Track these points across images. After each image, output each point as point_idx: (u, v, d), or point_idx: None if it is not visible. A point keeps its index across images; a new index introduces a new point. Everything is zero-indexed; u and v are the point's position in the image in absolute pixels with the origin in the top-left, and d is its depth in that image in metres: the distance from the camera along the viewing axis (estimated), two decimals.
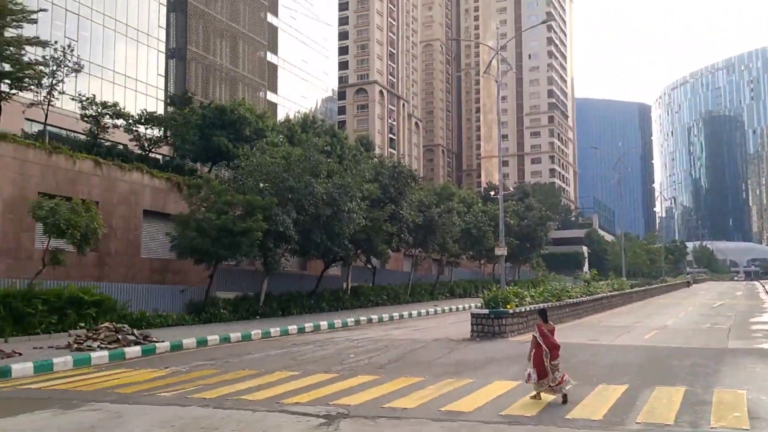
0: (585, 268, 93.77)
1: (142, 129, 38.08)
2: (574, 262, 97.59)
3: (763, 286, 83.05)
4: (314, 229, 30.83)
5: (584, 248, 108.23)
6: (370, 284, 41.89)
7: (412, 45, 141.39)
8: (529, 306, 23.10)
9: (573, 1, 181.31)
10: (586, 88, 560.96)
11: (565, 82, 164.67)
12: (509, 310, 21.44)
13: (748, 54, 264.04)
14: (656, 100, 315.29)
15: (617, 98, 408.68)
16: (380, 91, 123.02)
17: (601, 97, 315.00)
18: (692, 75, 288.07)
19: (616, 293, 40.08)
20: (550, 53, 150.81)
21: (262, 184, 30.33)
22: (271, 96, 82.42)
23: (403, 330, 25.36)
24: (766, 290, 70.58)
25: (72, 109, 37.45)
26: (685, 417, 9.46)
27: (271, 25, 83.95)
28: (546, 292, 27.62)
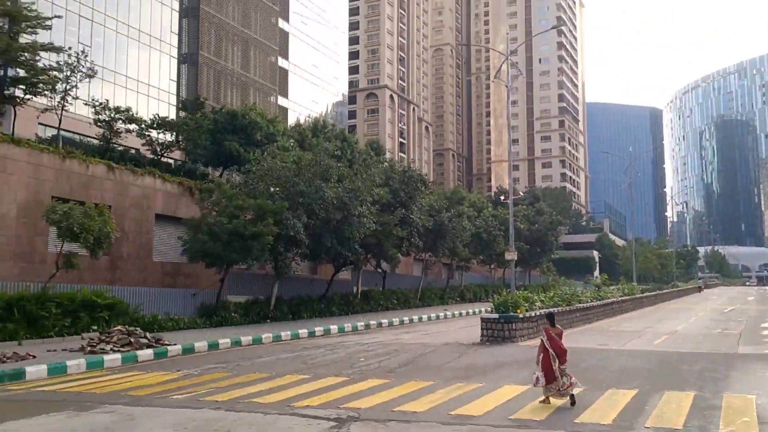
0: (596, 272, 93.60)
1: (154, 134, 38.38)
2: (584, 267, 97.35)
3: None
4: (325, 233, 30.92)
5: (595, 253, 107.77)
6: (380, 288, 41.85)
7: (423, 49, 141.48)
8: (539, 310, 23.09)
9: (584, 6, 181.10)
10: (598, 92, 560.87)
11: (576, 87, 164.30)
12: (519, 314, 21.45)
13: (760, 58, 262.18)
14: (667, 105, 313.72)
15: (629, 102, 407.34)
16: (390, 96, 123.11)
17: (613, 102, 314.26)
18: (704, 79, 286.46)
19: (627, 298, 40.00)
20: (561, 57, 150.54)
21: (273, 189, 30.49)
22: (282, 101, 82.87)
23: (413, 334, 25.40)
24: None
25: (85, 114, 37.76)
26: (694, 422, 9.49)
27: (283, 30, 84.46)
28: (556, 297, 27.61)
